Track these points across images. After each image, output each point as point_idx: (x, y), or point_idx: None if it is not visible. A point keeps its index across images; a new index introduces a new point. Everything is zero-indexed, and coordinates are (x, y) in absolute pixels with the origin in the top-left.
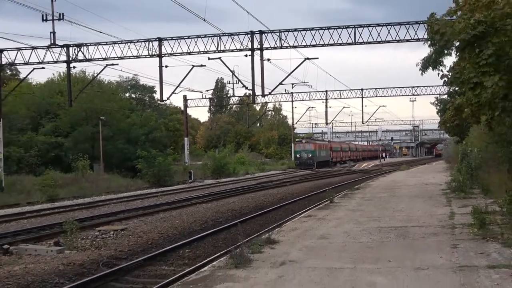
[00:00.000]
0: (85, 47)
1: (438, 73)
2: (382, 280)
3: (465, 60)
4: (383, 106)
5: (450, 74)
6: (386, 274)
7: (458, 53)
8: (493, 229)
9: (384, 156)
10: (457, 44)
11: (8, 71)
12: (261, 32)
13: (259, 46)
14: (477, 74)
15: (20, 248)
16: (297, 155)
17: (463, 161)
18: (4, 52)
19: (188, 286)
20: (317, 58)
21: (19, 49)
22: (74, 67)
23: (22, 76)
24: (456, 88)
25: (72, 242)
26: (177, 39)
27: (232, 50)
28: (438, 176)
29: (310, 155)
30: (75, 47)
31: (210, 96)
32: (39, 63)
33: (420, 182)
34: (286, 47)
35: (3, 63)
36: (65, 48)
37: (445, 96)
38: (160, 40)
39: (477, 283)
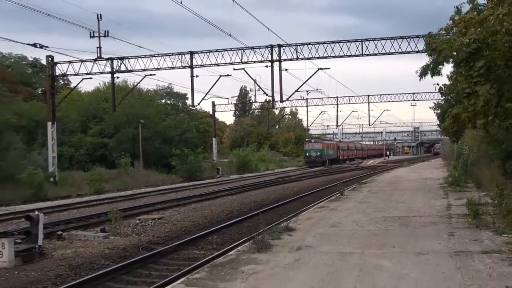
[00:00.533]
0: (126, 60)
1: (435, 85)
2: (387, 263)
3: (460, 74)
4: (387, 110)
5: (446, 85)
6: (391, 258)
7: (454, 67)
8: (485, 218)
9: (388, 154)
10: (454, 60)
11: (61, 81)
12: (279, 46)
13: (278, 58)
14: (470, 85)
15: (71, 234)
16: (307, 154)
17: (459, 159)
18: (58, 65)
19: (217, 268)
20: (329, 68)
21: (70, 62)
22: (117, 77)
23: (72, 85)
24: (452, 96)
25: (116, 229)
26: (206, 52)
27: (254, 62)
28: (436, 172)
29: (318, 154)
30: (118, 60)
31: (235, 102)
32: (87, 74)
33: (420, 177)
34: (302, 59)
35: (57, 74)
36: (109, 61)
37: (442, 102)
38: (192, 53)
39: (471, 267)
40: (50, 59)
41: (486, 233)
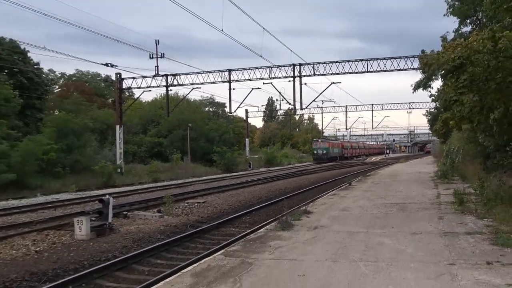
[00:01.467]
0: (178, 76)
1: (428, 93)
2: (387, 240)
3: (448, 85)
4: (388, 116)
5: (436, 94)
6: (391, 237)
7: (442, 79)
8: (469, 206)
9: (388, 152)
10: (442, 72)
11: (126, 93)
12: (300, 64)
13: (298, 74)
14: (456, 94)
15: (134, 214)
16: (314, 152)
17: (447, 156)
18: (124, 80)
19: (249, 242)
20: (340, 82)
21: (134, 78)
22: (171, 90)
23: (135, 96)
24: (438, 103)
25: (169, 210)
26: (241, 69)
27: (280, 77)
28: (428, 167)
29: (324, 152)
30: (171, 76)
31: (264, 110)
32: (147, 87)
33: (414, 171)
34: (318, 75)
35: (124, 87)
36: (165, 77)
37: (433, 110)
38: (230, 70)
39: (457, 245)
40: (118, 75)
41: (469, 217)
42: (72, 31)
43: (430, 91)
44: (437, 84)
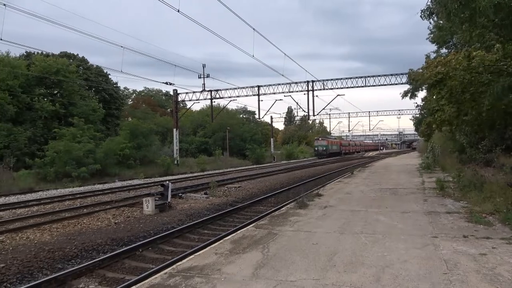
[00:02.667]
0: (219, 91)
1: (415, 104)
2: (382, 218)
3: (430, 95)
4: (381, 120)
5: (422, 103)
6: (385, 215)
7: (426, 90)
8: (448, 191)
9: (381, 148)
10: (425, 86)
11: (181, 104)
12: (312, 81)
13: (311, 89)
14: (438, 105)
15: (187, 195)
16: (315, 148)
17: (430, 152)
18: (179, 95)
19: (274, 218)
20: (344, 94)
21: (186, 93)
22: (214, 101)
23: (187, 106)
24: (424, 111)
25: (213, 192)
26: (267, 85)
27: (297, 91)
28: (414, 160)
29: (324, 148)
30: (214, 91)
31: (284, 116)
32: (196, 100)
33: (403, 164)
34: (326, 89)
35: (179, 100)
36: (210, 92)
37: (418, 115)
38: (259, 86)
39: (439, 221)
40: (175, 91)
41: (449, 200)
42: (141, 58)
43: (416, 102)
44: (421, 94)
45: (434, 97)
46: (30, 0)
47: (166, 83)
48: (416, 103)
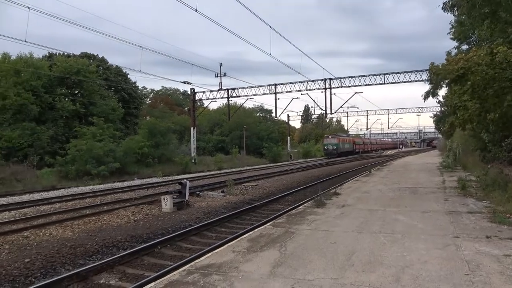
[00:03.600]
0: (236, 89)
1: (436, 101)
2: (401, 217)
3: (452, 92)
4: (401, 118)
5: (443, 100)
6: (404, 214)
7: (447, 87)
8: (470, 190)
9: (401, 147)
10: (447, 81)
11: (198, 103)
12: (330, 79)
13: (329, 87)
14: (460, 101)
15: (204, 193)
16: (325, 147)
17: (450, 150)
18: (197, 93)
19: (291, 216)
20: (362, 92)
21: (203, 91)
22: (231, 100)
23: (205, 105)
24: (446, 108)
25: (230, 191)
26: (284, 84)
27: (314, 89)
28: (434, 159)
29: (334, 147)
30: (231, 90)
31: (301, 114)
32: (213, 99)
33: (423, 162)
34: (344, 87)
35: (196, 99)
36: (226, 91)
37: (439, 113)
38: (275, 85)
39: (461, 221)
40: (192, 90)
41: (471, 200)
42: (159, 57)
43: (438, 99)
44: (442, 92)
45: (456, 93)
46: (51, 2)
47: (184, 82)
48: (438, 99)
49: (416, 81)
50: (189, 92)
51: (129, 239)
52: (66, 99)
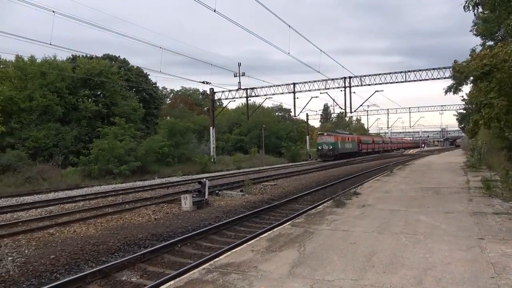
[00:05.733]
0: (255, 89)
1: (461, 98)
2: (424, 218)
3: (477, 89)
4: (423, 117)
5: (468, 98)
6: (426, 215)
7: (472, 84)
8: (495, 190)
9: (423, 146)
10: (471, 78)
11: (217, 103)
12: (350, 77)
13: (348, 85)
14: (486, 98)
15: (223, 192)
16: (319, 147)
17: (474, 150)
18: (216, 93)
19: (310, 216)
20: (383, 90)
21: (222, 91)
22: (250, 99)
23: (223, 105)
24: (470, 106)
25: (248, 190)
26: (303, 83)
27: (333, 88)
28: (458, 158)
29: (330, 147)
30: (250, 89)
31: (320, 114)
32: (232, 98)
33: (446, 162)
34: (364, 85)
35: (215, 99)
36: (245, 90)
37: (463, 111)
38: (294, 84)
39: (486, 223)
40: (211, 90)
41: (496, 200)
42: (178, 58)
43: (462, 96)
44: (466, 89)
45: (482, 91)
46: (74, 4)
47: (203, 82)
48: (462, 96)
49: (438, 78)
50: (208, 92)
51: (150, 237)
52: (89, 100)
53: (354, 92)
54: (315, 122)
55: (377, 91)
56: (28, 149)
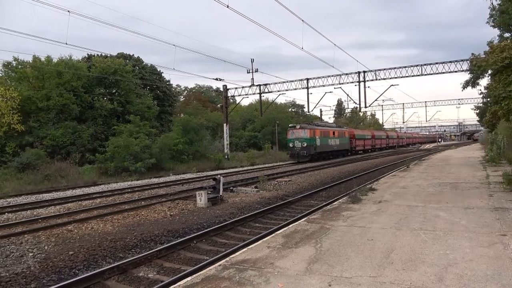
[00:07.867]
0: (268, 85)
1: (478, 91)
2: (443, 214)
3: (496, 82)
4: (439, 111)
5: (486, 91)
6: (445, 210)
7: (490, 77)
8: None
9: (439, 140)
10: (490, 72)
11: (230, 99)
12: (364, 72)
13: (363, 80)
14: (505, 91)
15: (238, 189)
16: (290, 145)
17: (493, 144)
18: (229, 90)
19: (326, 212)
20: (398, 84)
21: (235, 88)
22: (263, 96)
23: (237, 101)
24: (488, 99)
25: (263, 186)
26: (316, 78)
27: (347, 83)
28: (476, 153)
29: (305, 144)
30: (263, 86)
31: (334, 109)
32: (245, 95)
33: (464, 156)
34: (379, 79)
35: (228, 95)
36: (258, 87)
37: (481, 104)
38: (307, 79)
39: (508, 218)
40: (225, 87)
41: None
42: (192, 55)
43: (480, 89)
44: (484, 82)
45: (501, 83)
46: (89, 3)
47: (216, 79)
48: (480, 90)
49: (456, 71)
50: (221, 89)
51: (166, 233)
52: (105, 98)
53: (368, 87)
54: (329, 117)
55: (392, 85)
56: (46, 148)
